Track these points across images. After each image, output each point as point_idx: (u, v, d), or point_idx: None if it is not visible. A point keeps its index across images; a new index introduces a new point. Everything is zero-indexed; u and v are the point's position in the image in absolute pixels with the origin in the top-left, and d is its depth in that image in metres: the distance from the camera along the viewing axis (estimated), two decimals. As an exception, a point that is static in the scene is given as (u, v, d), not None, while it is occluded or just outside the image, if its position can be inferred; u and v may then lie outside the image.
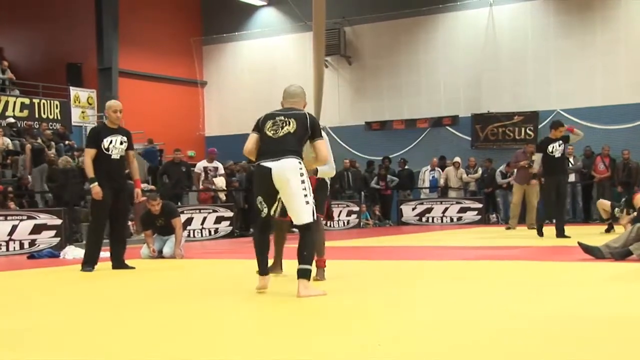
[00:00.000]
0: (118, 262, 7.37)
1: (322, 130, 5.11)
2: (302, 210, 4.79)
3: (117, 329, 3.86)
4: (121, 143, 7.23)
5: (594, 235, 10.24)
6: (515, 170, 13.70)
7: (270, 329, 3.83)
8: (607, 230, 11.04)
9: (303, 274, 4.72)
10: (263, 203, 4.91)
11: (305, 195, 4.79)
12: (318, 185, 5.59)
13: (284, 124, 4.92)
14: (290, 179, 4.77)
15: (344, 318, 4.06)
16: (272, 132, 4.92)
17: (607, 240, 7.02)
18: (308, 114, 5.06)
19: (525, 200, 13.28)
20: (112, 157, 7.16)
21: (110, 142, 7.16)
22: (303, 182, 4.80)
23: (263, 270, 5.06)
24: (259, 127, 5.03)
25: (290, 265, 5.49)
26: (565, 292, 4.85)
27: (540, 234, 10.55)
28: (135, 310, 4.57)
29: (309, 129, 4.95)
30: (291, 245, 5.64)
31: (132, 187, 7.74)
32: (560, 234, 10.05)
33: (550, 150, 10.14)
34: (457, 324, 3.68)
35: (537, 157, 10.43)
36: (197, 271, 7.37)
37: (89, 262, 7.23)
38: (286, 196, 4.83)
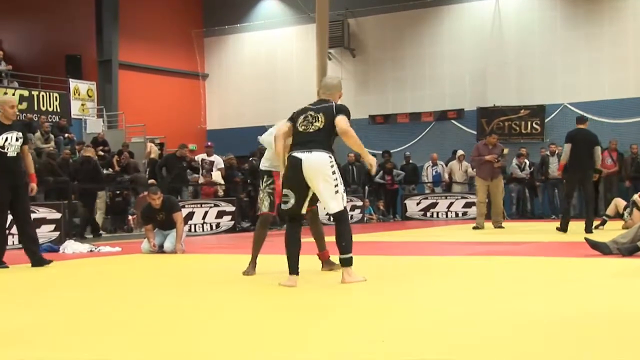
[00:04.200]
0: (35, 259, 7.17)
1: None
2: (331, 199, 4.96)
3: (114, 324, 3.79)
4: (17, 139, 7.03)
5: (601, 230, 10.30)
6: (477, 164, 12.42)
7: (273, 324, 3.75)
8: (597, 227, 10.67)
9: (345, 263, 4.98)
10: (290, 194, 5.01)
11: (336, 185, 4.97)
12: None
13: (314, 120, 5.08)
14: (321, 169, 4.94)
15: (348, 313, 4.01)
16: (302, 127, 5.08)
17: (615, 236, 6.90)
18: (335, 103, 5.16)
19: (490, 197, 12.09)
20: (9, 154, 6.96)
21: (6, 139, 6.95)
22: (334, 172, 4.98)
23: (294, 268, 5.01)
24: (293, 118, 5.18)
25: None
26: (572, 288, 4.81)
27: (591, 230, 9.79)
28: (133, 305, 4.49)
29: (335, 115, 5.05)
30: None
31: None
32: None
33: None
34: (461, 320, 3.65)
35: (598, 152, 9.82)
36: (197, 266, 7.22)
37: None
38: (316, 186, 4.97)
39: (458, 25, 19.66)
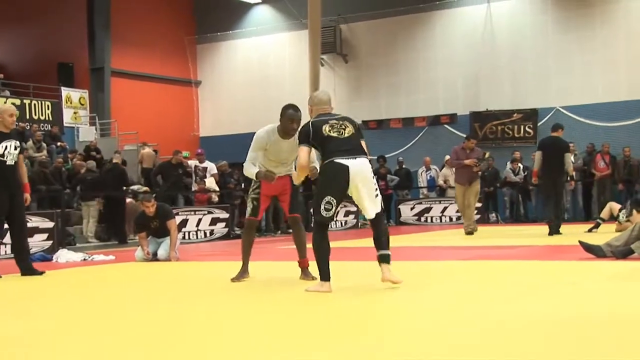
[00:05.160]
0: (25, 268, 7.15)
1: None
2: (372, 203, 4.95)
3: (110, 331, 3.80)
4: (15, 148, 7.06)
5: (594, 233, 10.40)
6: (455, 168, 12.17)
7: (271, 327, 3.75)
8: (590, 230, 10.93)
9: (385, 259, 4.93)
10: (333, 202, 4.89)
11: (376, 189, 5.01)
12: (295, 187, 5.82)
13: (344, 126, 5.00)
14: (367, 176, 4.93)
15: (347, 315, 4.02)
16: (336, 132, 4.95)
17: (609, 239, 6.91)
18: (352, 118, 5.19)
19: (464, 200, 11.60)
20: (7, 163, 6.99)
21: (5, 147, 6.97)
22: (373, 176, 5.02)
23: (327, 274, 4.99)
24: (309, 138, 4.95)
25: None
26: (568, 290, 4.83)
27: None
28: (128, 312, 4.48)
29: (359, 131, 5.09)
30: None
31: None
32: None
33: None
34: (460, 321, 3.67)
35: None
36: (191, 273, 7.19)
37: None
38: (361, 193, 4.91)
39: (450, 30, 19.70)
